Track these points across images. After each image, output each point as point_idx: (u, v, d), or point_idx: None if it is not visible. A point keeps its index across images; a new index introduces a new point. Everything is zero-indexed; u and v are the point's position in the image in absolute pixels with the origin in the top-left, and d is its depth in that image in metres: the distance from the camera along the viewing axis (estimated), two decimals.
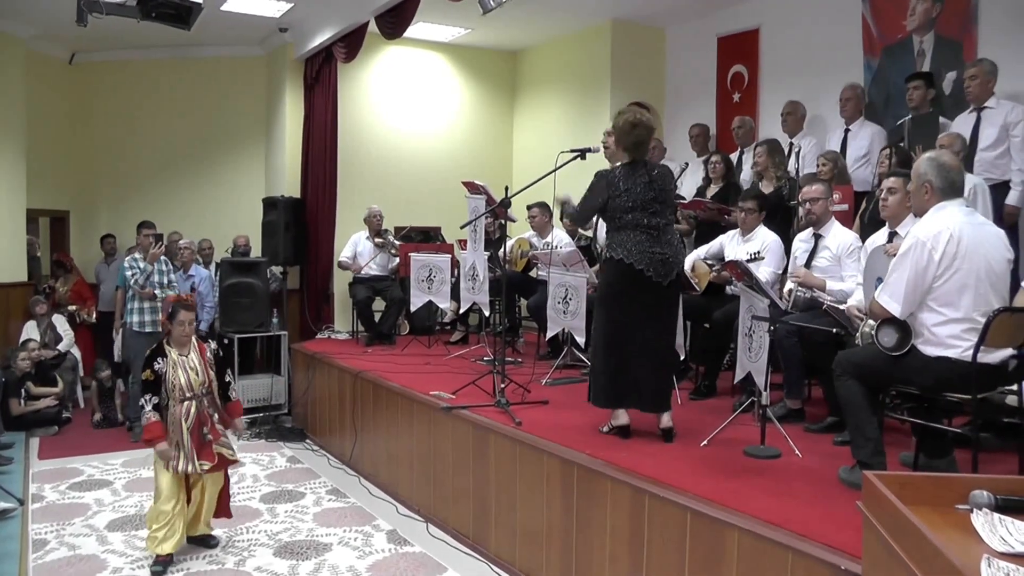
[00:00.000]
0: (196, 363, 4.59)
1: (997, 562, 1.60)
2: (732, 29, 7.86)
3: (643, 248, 4.10)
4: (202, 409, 4.57)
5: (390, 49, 9.12)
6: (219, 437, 4.63)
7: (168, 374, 4.50)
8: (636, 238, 4.12)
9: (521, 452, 4.34)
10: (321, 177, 8.70)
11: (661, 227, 4.16)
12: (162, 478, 4.46)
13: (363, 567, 4.53)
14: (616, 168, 4.30)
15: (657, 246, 4.11)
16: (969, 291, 3.16)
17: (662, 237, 4.14)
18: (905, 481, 1.98)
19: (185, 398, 4.50)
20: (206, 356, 4.67)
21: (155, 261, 7.14)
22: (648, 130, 4.21)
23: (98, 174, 9.91)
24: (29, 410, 7.48)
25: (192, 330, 4.63)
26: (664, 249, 4.12)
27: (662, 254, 4.11)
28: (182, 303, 4.63)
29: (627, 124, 4.20)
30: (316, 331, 8.67)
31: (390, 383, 5.91)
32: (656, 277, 4.09)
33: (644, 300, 4.12)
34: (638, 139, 4.20)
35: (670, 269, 4.13)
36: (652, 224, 4.14)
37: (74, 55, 9.72)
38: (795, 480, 3.58)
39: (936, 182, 3.29)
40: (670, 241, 4.19)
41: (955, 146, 4.86)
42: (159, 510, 4.44)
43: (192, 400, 4.51)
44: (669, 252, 4.14)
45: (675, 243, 4.24)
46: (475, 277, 6.38)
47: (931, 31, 6.19)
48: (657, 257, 4.09)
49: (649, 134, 4.23)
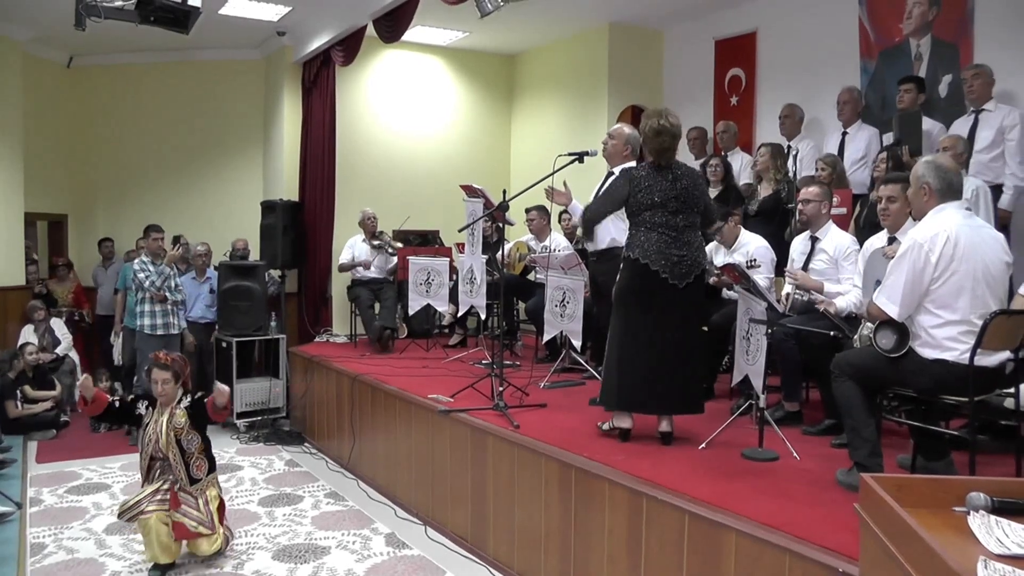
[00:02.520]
0: (168, 426, 4.51)
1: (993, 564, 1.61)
2: (729, 32, 7.88)
3: (660, 249, 4.06)
4: (171, 483, 4.49)
5: (388, 53, 9.14)
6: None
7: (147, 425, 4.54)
8: (654, 238, 4.08)
9: (519, 455, 4.35)
10: (319, 180, 8.70)
11: (680, 227, 4.10)
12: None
13: (361, 570, 4.53)
14: (641, 166, 4.28)
15: (675, 247, 4.07)
16: (966, 293, 3.17)
17: (681, 238, 4.09)
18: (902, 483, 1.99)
19: (157, 457, 4.51)
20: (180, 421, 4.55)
21: (172, 263, 7.16)
22: (673, 137, 4.17)
23: (96, 178, 9.91)
24: (26, 413, 7.48)
25: (169, 390, 4.53)
26: (682, 250, 4.07)
27: (679, 255, 4.06)
28: (156, 360, 4.55)
29: (651, 131, 4.17)
30: (314, 334, 8.67)
31: (388, 386, 5.91)
32: (672, 279, 4.05)
33: (659, 302, 4.07)
34: (661, 146, 4.16)
35: (688, 271, 4.08)
36: (671, 224, 4.09)
37: (72, 59, 9.73)
38: (793, 482, 3.58)
39: (934, 184, 3.30)
40: (689, 242, 4.12)
41: (957, 148, 4.88)
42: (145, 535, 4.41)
43: (160, 463, 4.52)
44: (687, 253, 4.09)
45: (696, 244, 4.17)
46: (473, 280, 6.39)
47: (928, 34, 6.21)
48: (674, 258, 4.05)
49: (674, 140, 4.19)
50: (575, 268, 5.73)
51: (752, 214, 5.91)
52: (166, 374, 4.50)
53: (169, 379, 4.52)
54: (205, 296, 8.13)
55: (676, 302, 4.08)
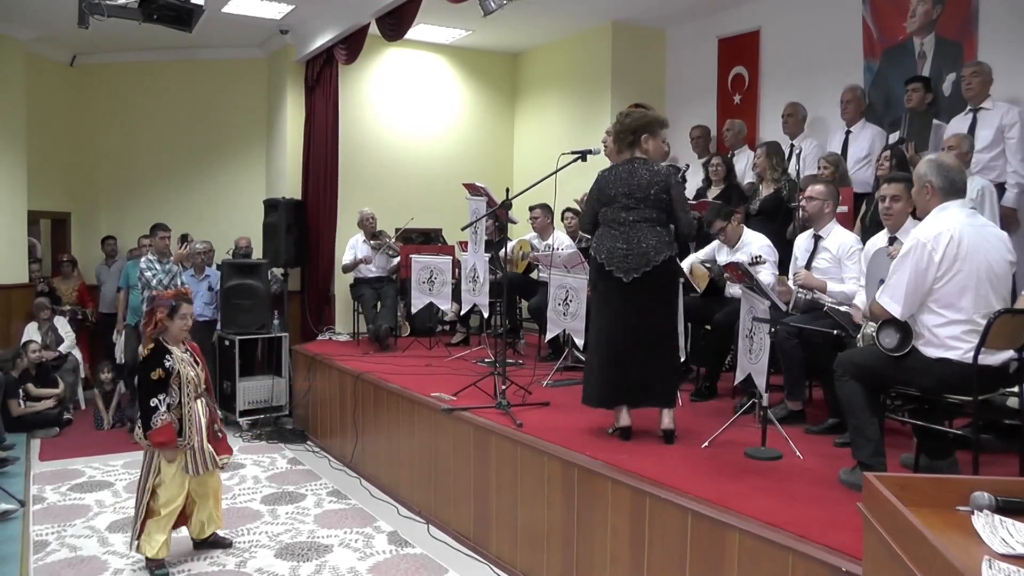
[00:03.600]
0: (192, 359, 4.60)
1: (998, 564, 1.60)
2: (733, 31, 7.86)
3: (609, 244, 4.13)
4: (211, 405, 4.64)
5: (391, 51, 9.14)
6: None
7: (179, 371, 4.45)
8: (606, 234, 4.17)
9: (522, 453, 4.35)
10: (322, 179, 8.71)
11: (630, 223, 4.12)
12: (169, 482, 4.40)
13: (364, 568, 4.53)
14: (610, 166, 4.33)
15: (620, 241, 4.11)
16: (970, 292, 3.16)
17: (629, 233, 4.11)
18: (905, 483, 1.98)
19: (197, 395, 4.52)
20: (198, 352, 4.70)
21: (180, 262, 7.19)
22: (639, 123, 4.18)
23: (99, 176, 9.92)
24: (29, 411, 7.49)
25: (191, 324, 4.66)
26: (627, 245, 4.09)
27: (624, 250, 4.09)
28: (183, 296, 4.62)
29: (619, 116, 4.31)
30: (317, 333, 8.68)
31: (391, 384, 5.91)
32: (617, 273, 4.09)
33: (614, 297, 4.15)
34: (625, 127, 4.24)
35: (634, 266, 4.07)
36: (619, 220, 4.14)
37: (75, 57, 9.74)
38: (796, 481, 3.58)
39: (937, 182, 3.30)
40: (638, 237, 4.09)
41: (962, 147, 4.87)
42: (158, 513, 4.38)
43: (201, 396, 4.54)
44: (631, 248, 4.08)
45: (646, 239, 4.08)
46: (476, 279, 6.39)
47: (932, 33, 6.19)
48: (619, 253, 4.09)
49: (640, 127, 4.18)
50: (578, 267, 5.73)
51: (754, 213, 5.91)
52: (192, 307, 4.65)
53: (193, 312, 4.70)
54: (204, 294, 8.14)
55: (628, 297, 4.12)
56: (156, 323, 4.51)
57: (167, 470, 4.42)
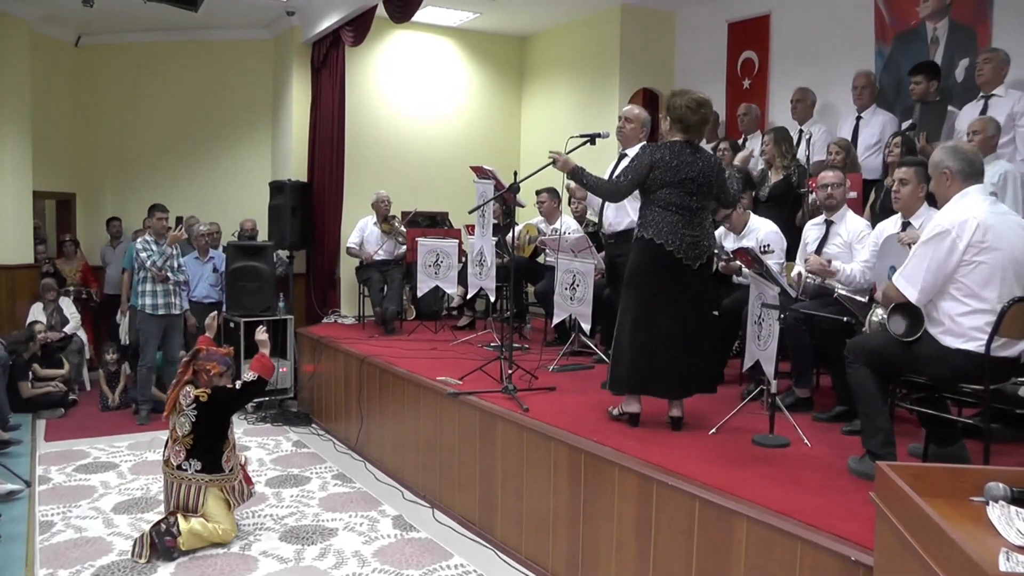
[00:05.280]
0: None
1: (1016, 556, 1.58)
2: (743, 14, 7.79)
3: (674, 229, 4.02)
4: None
5: (398, 33, 9.08)
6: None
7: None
8: (668, 218, 4.03)
9: (528, 438, 4.33)
10: (328, 161, 8.67)
11: (695, 209, 4.06)
12: (223, 517, 4.56)
13: (369, 552, 4.54)
14: (664, 144, 4.18)
15: (688, 228, 4.03)
16: (995, 282, 3.10)
17: (694, 219, 4.06)
18: (919, 472, 1.96)
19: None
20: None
21: (175, 243, 7.16)
22: (712, 112, 4.19)
23: (104, 157, 9.88)
24: (37, 392, 7.51)
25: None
26: (695, 231, 4.05)
27: (693, 236, 4.03)
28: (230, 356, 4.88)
29: (693, 103, 4.08)
30: (322, 315, 8.67)
31: (397, 368, 5.90)
32: (686, 260, 4.02)
33: (672, 283, 4.04)
34: (704, 119, 4.14)
35: (701, 252, 4.06)
36: (686, 205, 4.04)
37: (80, 37, 9.67)
38: (804, 469, 3.56)
39: (954, 166, 3.24)
40: (702, 224, 4.10)
41: (988, 130, 4.81)
42: (217, 534, 4.51)
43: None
44: (700, 235, 4.07)
45: (707, 227, 4.16)
46: (482, 263, 6.36)
47: (945, 17, 6.12)
48: (688, 239, 4.02)
49: (711, 117, 4.22)
50: (585, 251, 5.70)
51: (763, 199, 5.87)
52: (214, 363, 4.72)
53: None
54: (209, 276, 8.13)
55: (689, 283, 4.05)
56: (210, 376, 4.65)
57: (214, 507, 4.53)
